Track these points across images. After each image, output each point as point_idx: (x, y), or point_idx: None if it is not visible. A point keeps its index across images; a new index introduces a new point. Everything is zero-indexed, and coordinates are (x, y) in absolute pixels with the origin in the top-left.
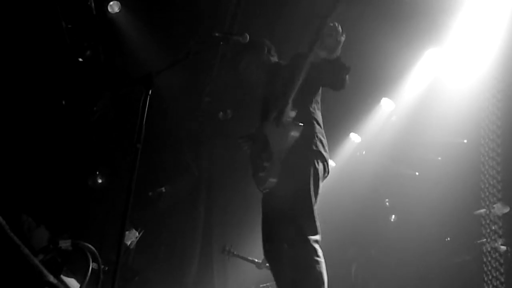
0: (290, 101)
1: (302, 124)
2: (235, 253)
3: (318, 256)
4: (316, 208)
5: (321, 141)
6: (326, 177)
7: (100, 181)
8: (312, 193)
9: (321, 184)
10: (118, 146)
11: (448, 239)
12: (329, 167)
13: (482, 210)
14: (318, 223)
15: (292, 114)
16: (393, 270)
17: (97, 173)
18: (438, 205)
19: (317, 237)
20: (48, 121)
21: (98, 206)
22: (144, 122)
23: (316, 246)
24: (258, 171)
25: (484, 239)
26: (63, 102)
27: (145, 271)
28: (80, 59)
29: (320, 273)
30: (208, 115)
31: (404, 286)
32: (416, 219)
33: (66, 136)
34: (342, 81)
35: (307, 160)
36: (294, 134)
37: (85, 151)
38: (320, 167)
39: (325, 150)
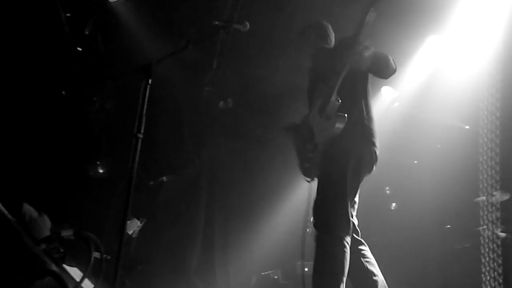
0: (335, 92)
1: (346, 116)
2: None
3: (342, 246)
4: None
5: (369, 132)
6: (373, 167)
7: (101, 171)
8: (347, 187)
9: (365, 177)
10: (119, 136)
11: (448, 226)
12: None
13: (482, 198)
14: (348, 216)
15: (337, 104)
16: (394, 257)
17: (98, 163)
18: (438, 193)
19: (346, 230)
20: (49, 111)
21: (99, 196)
22: (144, 112)
23: (342, 237)
24: (303, 162)
25: (484, 226)
26: (63, 93)
27: (147, 260)
28: (79, 49)
29: (339, 265)
30: (209, 105)
31: (404, 272)
32: (416, 207)
33: (67, 126)
34: (387, 68)
35: (346, 153)
36: (339, 125)
37: (86, 141)
38: (365, 159)
39: (373, 142)
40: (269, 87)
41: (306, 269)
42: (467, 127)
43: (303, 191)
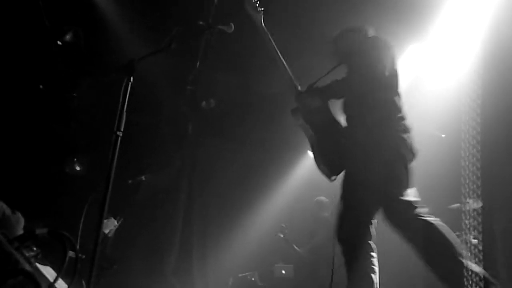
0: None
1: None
2: (286, 237)
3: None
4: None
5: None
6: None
7: (78, 168)
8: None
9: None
10: (98, 133)
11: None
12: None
13: (456, 205)
14: None
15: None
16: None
17: (75, 160)
18: (420, 189)
19: None
20: (25, 106)
21: (75, 193)
22: (125, 110)
23: None
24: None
25: (458, 233)
26: (41, 86)
27: (124, 260)
28: (59, 42)
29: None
30: (191, 105)
31: (387, 269)
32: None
33: (44, 121)
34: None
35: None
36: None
37: (63, 137)
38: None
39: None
40: (254, 89)
41: (283, 271)
42: (443, 135)
43: (283, 194)
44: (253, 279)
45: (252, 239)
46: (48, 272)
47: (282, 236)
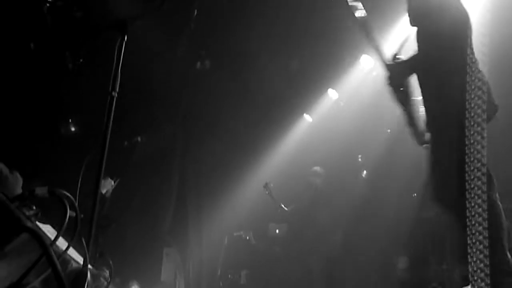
0: None
1: None
2: (271, 192)
3: None
4: None
5: None
6: None
7: (73, 129)
8: None
9: None
10: (93, 94)
11: (415, 195)
12: None
13: None
14: None
15: None
16: (361, 223)
17: (70, 120)
18: (407, 163)
19: None
20: (16, 65)
21: (72, 154)
22: (119, 70)
23: None
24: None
25: None
26: (32, 45)
27: (121, 219)
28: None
29: None
30: (185, 66)
31: (371, 238)
32: (386, 175)
33: (37, 81)
34: None
35: None
36: None
37: (58, 97)
38: None
39: None
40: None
41: (277, 231)
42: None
43: (278, 155)
44: (247, 238)
45: (246, 199)
46: (49, 231)
47: (267, 192)
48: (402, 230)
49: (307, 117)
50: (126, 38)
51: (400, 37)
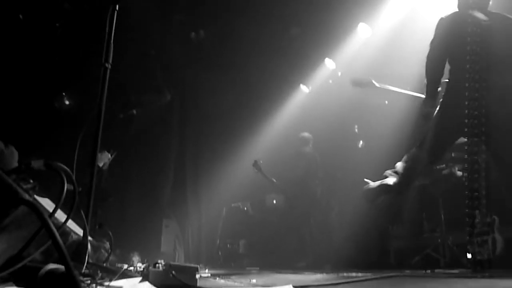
0: None
1: None
2: (261, 169)
3: None
4: None
5: None
6: None
7: (67, 102)
8: None
9: None
10: (85, 66)
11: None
12: None
13: None
14: None
15: None
16: (356, 192)
17: (64, 94)
18: (403, 133)
19: None
20: (7, 38)
21: (67, 128)
22: (112, 40)
23: None
24: None
25: (443, 165)
26: (20, 16)
27: (120, 192)
28: None
29: None
30: (180, 37)
31: (365, 207)
32: (382, 145)
33: (29, 54)
34: None
35: None
36: None
37: (50, 70)
38: None
39: None
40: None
41: (274, 201)
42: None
43: (273, 126)
44: (245, 208)
45: (243, 171)
46: (47, 204)
47: (256, 171)
48: (397, 199)
49: (304, 88)
50: (117, 7)
51: None
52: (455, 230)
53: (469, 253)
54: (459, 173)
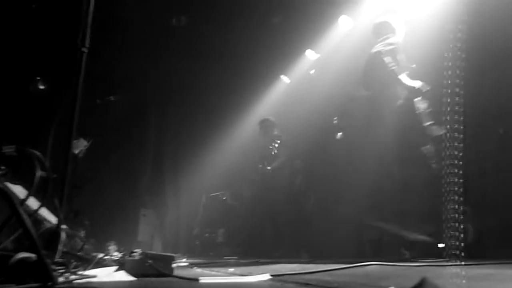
0: None
1: None
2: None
3: None
4: None
5: None
6: None
7: (42, 87)
8: None
9: None
10: (61, 49)
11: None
12: None
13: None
14: None
15: None
16: (334, 183)
17: (38, 78)
18: (382, 127)
19: None
20: None
21: (41, 113)
22: (89, 23)
23: None
24: None
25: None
26: None
27: (96, 180)
28: None
29: None
30: (160, 23)
31: (342, 196)
32: (361, 138)
33: (2, 35)
34: None
35: None
36: None
37: (24, 53)
38: None
39: None
40: None
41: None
42: (413, 65)
43: (254, 117)
44: (224, 198)
45: (223, 160)
46: (20, 191)
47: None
48: (373, 194)
49: (285, 78)
50: None
51: None
52: (429, 220)
53: (442, 242)
54: (434, 166)
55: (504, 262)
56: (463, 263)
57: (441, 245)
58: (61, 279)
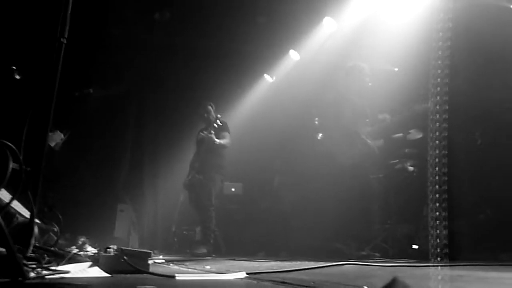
0: None
1: None
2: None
3: None
4: None
5: None
6: None
7: (17, 77)
8: None
9: None
10: (39, 40)
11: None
12: None
13: (399, 135)
14: None
15: None
16: (313, 182)
17: (14, 68)
18: (361, 126)
19: None
20: None
21: (16, 104)
22: (68, 13)
23: None
24: None
25: (397, 160)
26: None
27: (72, 174)
28: None
29: None
30: (143, 18)
31: (321, 196)
32: (341, 139)
33: None
34: None
35: None
36: None
37: None
38: None
39: None
40: None
41: (233, 189)
42: (396, 69)
43: (237, 114)
44: None
45: None
46: None
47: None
48: (350, 192)
49: (267, 78)
50: None
51: None
52: (404, 222)
53: (415, 244)
54: (411, 168)
55: (475, 264)
56: (436, 264)
57: (415, 247)
58: (32, 274)
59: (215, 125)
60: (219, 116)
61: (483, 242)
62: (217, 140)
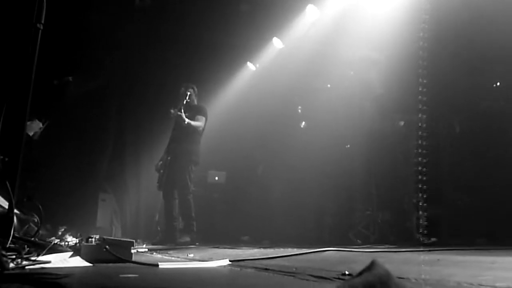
0: None
1: None
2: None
3: None
4: None
5: None
6: None
7: None
8: None
9: None
10: (14, 25)
11: (348, 146)
12: None
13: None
14: None
15: None
16: (296, 171)
17: None
18: (345, 115)
19: None
20: None
21: None
22: None
23: None
24: None
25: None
26: None
27: (52, 163)
28: None
29: None
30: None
31: (304, 185)
32: (323, 127)
33: None
34: None
35: None
36: None
37: None
38: None
39: None
40: None
41: (216, 178)
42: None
43: (219, 103)
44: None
45: None
46: None
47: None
48: (333, 180)
49: (250, 66)
50: None
51: None
52: (385, 209)
53: (394, 230)
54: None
55: (452, 249)
56: (415, 249)
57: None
58: (12, 265)
59: (185, 101)
60: (189, 93)
61: (460, 227)
62: (187, 120)
